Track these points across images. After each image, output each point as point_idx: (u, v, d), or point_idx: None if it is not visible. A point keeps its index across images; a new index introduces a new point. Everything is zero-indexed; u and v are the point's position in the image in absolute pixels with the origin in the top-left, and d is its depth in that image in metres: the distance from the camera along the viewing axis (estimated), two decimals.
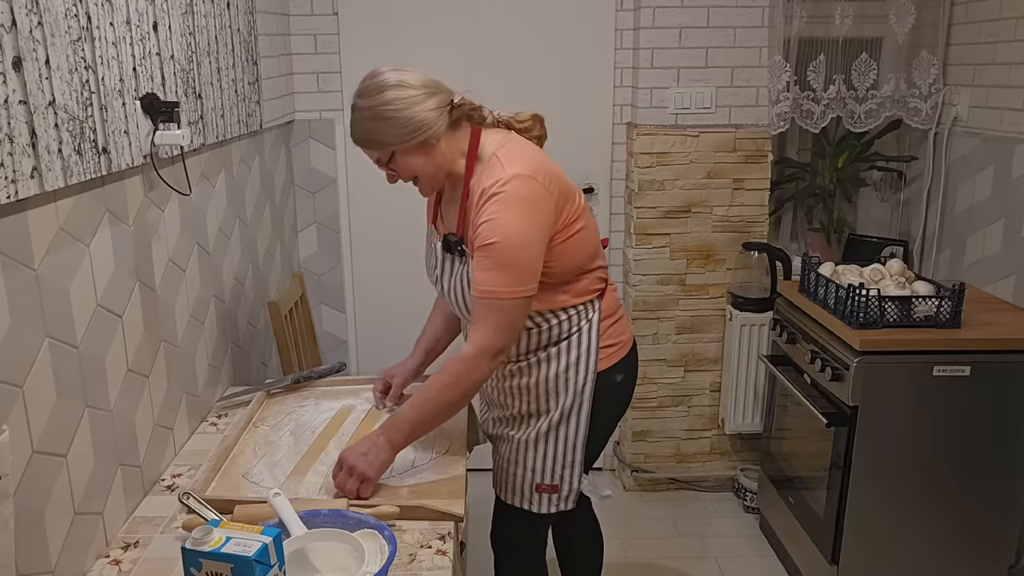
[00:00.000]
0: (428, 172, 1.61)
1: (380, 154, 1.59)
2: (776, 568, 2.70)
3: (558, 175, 1.61)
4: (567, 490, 1.76)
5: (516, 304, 1.53)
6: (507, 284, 1.51)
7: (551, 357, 1.70)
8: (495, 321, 1.53)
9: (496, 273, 1.51)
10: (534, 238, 1.53)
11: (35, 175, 1.15)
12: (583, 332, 1.71)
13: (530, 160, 1.58)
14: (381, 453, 1.52)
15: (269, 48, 2.57)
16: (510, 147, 1.60)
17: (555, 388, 1.71)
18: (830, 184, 3.04)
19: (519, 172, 1.53)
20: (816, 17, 2.81)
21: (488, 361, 1.55)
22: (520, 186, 1.52)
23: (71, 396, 1.28)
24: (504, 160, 1.56)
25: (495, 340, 1.54)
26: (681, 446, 3.14)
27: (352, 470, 1.49)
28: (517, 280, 1.52)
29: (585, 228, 1.66)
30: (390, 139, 1.55)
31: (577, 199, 1.66)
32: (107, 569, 1.33)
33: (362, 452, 1.51)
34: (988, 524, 2.27)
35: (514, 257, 1.51)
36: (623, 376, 1.79)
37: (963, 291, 2.19)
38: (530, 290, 1.55)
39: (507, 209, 1.51)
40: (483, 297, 1.53)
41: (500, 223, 1.50)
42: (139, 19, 1.53)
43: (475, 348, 1.54)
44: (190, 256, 1.84)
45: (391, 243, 3.06)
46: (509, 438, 1.79)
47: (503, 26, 2.91)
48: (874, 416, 2.18)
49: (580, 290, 1.69)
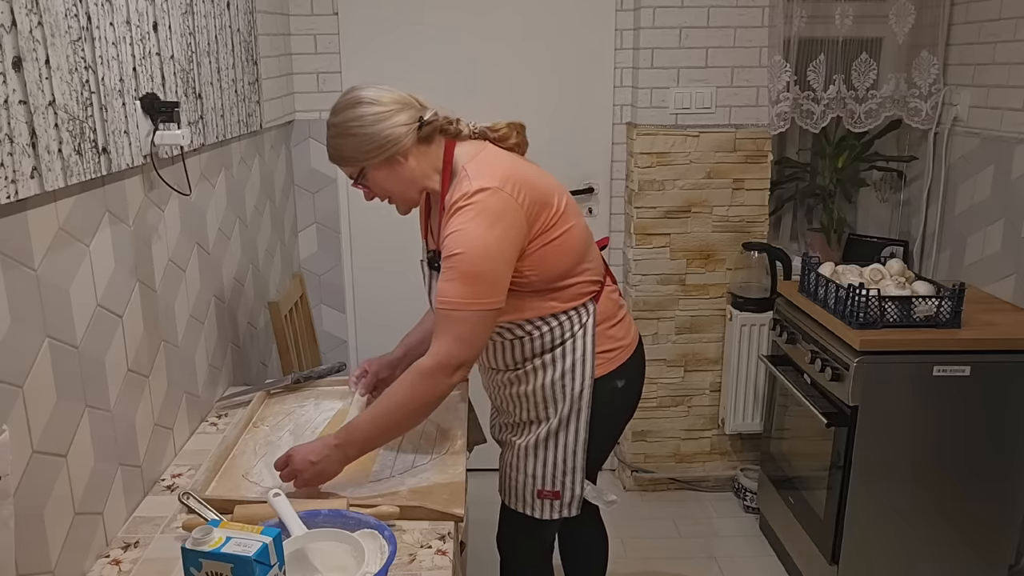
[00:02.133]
0: (398, 189, 1.61)
1: (350, 170, 1.61)
2: (776, 568, 2.70)
3: (530, 183, 1.57)
4: (569, 496, 1.75)
5: (478, 316, 1.51)
6: (468, 296, 1.50)
7: (546, 365, 1.69)
8: (454, 333, 1.51)
9: (458, 284, 1.50)
10: (499, 250, 1.51)
11: (35, 175, 1.15)
12: (577, 338, 1.69)
13: (500, 171, 1.56)
14: (332, 464, 1.50)
15: (269, 48, 2.57)
16: (480, 159, 1.59)
17: (552, 395, 1.70)
18: (830, 184, 3.04)
19: (486, 184, 1.52)
20: (816, 17, 2.81)
21: (446, 375, 1.52)
22: (486, 199, 1.51)
23: (71, 396, 1.28)
24: (472, 173, 1.55)
25: (455, 353, 1.51)
26: (681, 446, 3.14)
27: (297, 474, 1.49)
28: (479, 292, 1.51)
29: (568, 233, 1.63)
30: (357, 155, 1.57)
31: (556, 204, 1.61)
32: (107, 569, 1.33)
33: (312, 460, 1.49)
34: (988, 524, 2.26)
35: (477, 269, 1.50)
36: (625, 382, 1.76)
37: (963, 291, 2.19)
38: (493, 303, 1.53)
39: (472, 221, 1.50)
40: (444, 308, 1.52)
41: (464, 235, 1.50)
42: (139, 19, 1.53)
43: (432, 360, 1.52)
44: (190, 256, 1.84)
45: (391, 243, 3.06)
46: (512, 444, 1.79)
47: (503, 26, 2.91)
48: (874, 416, 2.18)
49: (570, 295, 1.67)
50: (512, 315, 1.64)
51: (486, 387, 1.87)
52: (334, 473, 1.52)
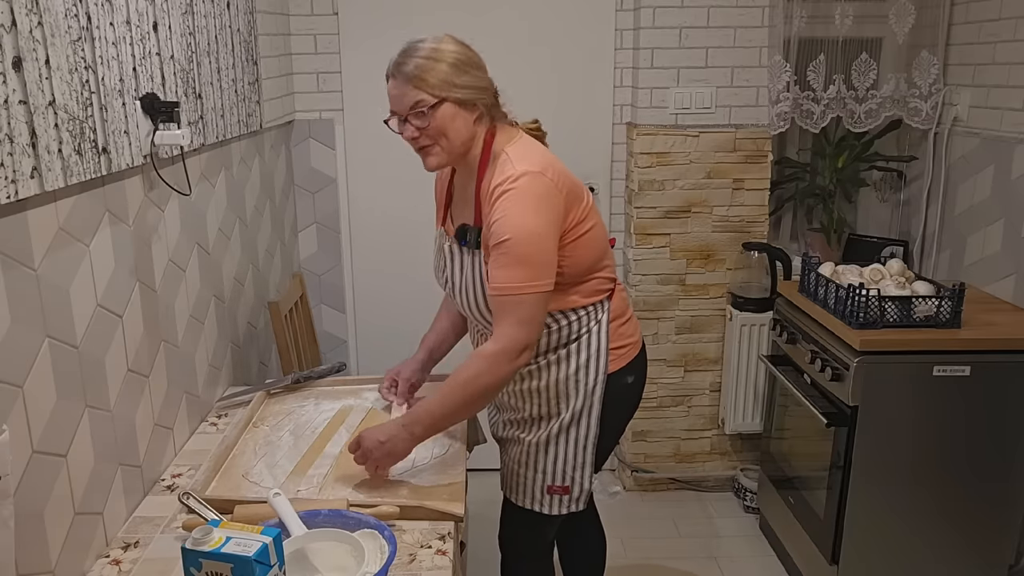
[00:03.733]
0: (458, 137, 1.58)
1: (427, 97, 1.53)
2: (776, 568, 2.70)
3: (567, 174, 1.62)
4: (578, 491, 1.76)
5: (534, 299, 1.53)
6: (523, 279, 1.52)
7: (561, 359, 1.70)
8: (515, 317, 1.53)
9: (512, 270, 1.52)
10: (546, 233, 1.54)
11: (35, 175, 1.15)
12: (592, 333, 1.71)
13: (540, 157, 1.60)
14: (400, 443, 1.54)
15: (269, 48, 2.57)
16: (520, 144, 1.62)
17: (566, 390, 1.71)
18: (830, 184, 3.04)
19: (529, 168, 1.54)
20: (816, 17, 2.81)
21: (510, 359, 1.54)
22: (530, 182, 1.53)
23: (71, 396, 1.28)
24: (514, 157, 1.57)
25: (517, 336, 1.53)
26: (681, 446, 3.14)
27: (368, 455, 1.52)
28: (533, 275, 1.52)
29: (594, 228, 1.67)
30: (447, 83, 1.53)
31: (585, 198, 1.66)
32: (107, 569, 1.33)
33: (381, 440, 1.53)
34: (988, 524, 2.26)
35: (528, 252, 1.52)
36: (634, 378, 1.79)
37: (963, 291, 2.19)
38: (547, 285, 1.55)
39: (518, 205, 1.52)
40: (500, 294, 1.53)
41: (512, 219, 1.51)
42: (139, 19, 1.53)
43: (497, 345, 1.53)
44: (190, 256, 1.84)
45: (391, 243, 3.06)
46: (520, 440, 1.79)
47: (503, 26, 2.91)
48: (874, 416, 2.18)
49: (590, 290, 1.69)
50: None
51: None
52: (404, 452, 1.55)
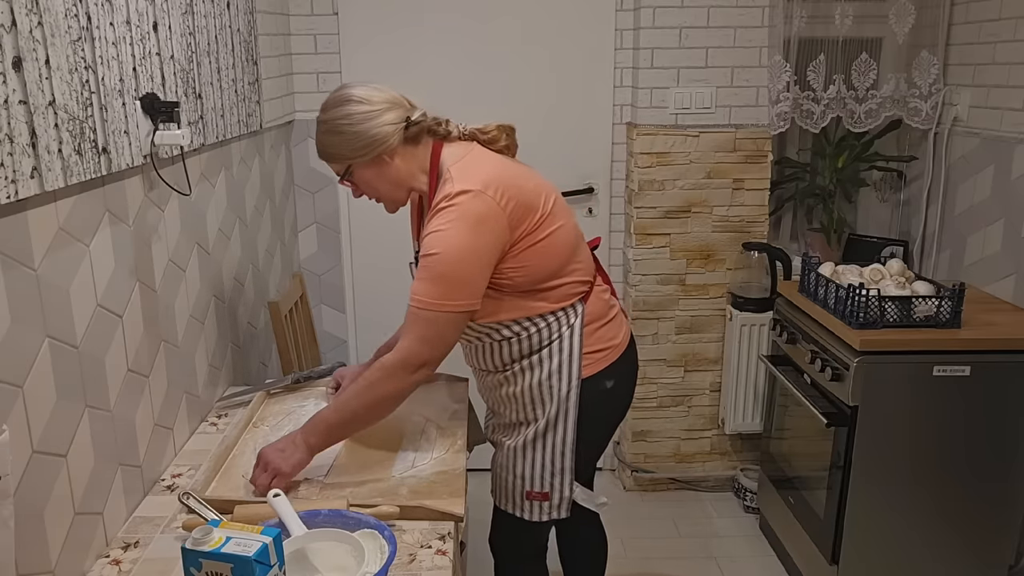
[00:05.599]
0: (384, 188, 1.63)
1: (338, 167, 1.62)
2: (776, 568, 2.70)
3: (516, 186, 1.57)
4: (558, 498, 1.75)
5: (445, 318, 1.52)
6: (439, 296, 1.51)
7: (533, 365, 1.69)
8: (420, 332, 1.53)
9: (430, 284, 1.51)
10: (476, 254, 1.52)
11: (35, 175, 1.15)
12: (564, 338, 1.68)
13: (484, 174, 1.56)
14: (297, 452, 1.53)
15: (269, 48, 2.57)
16: (465, 161, 1.59)
17: (539, 396, 1.70)
18: (830, 184, 3.04)
19: (468, 187, 1.52)
20: (816, 17, 2.81)
21: (408, 373, 1.53)
22: (468, 201, 1.51)
23: (71, 396, 1.28)
24: (456, 175, 1.55)
25: (418, 352, 1.53)
26: (681, 446, 3.14)
27: (267, 465, 1.51)
28: (450, 294, 1.51)
29: (554, 234, 1.62)
30: (344, 153, 1.58)
31: (542, 207, 1.61)
32: (107, 569, 1.33)
33: (279, 448, 1.54)
34: (988, 524, 2.27)
35: (451, 271, 1.51)
36: (614, 382, 1.75)
37: (963, 291, 2.19)
38: (463, 306, 1.53)
39: (451, 223, 1.50)
40: (414, 307, 1.53)
41: (442, 236, 1.50)
42: (139, 19, 1.53)
43: (395, 357, 1.54)
44: (190, 256, 1.84)
45: (391, 243, 3.06)
46: (503, 444, 1.79)
47: (503, 26, 2.91)
48: (874, 416, 2.18)
49: (558, 296, 1.66)
50: (500, 315, 1.64)
51: (480, 389, 1.87)
52: (300, 460, 1.54)
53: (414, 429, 1.80)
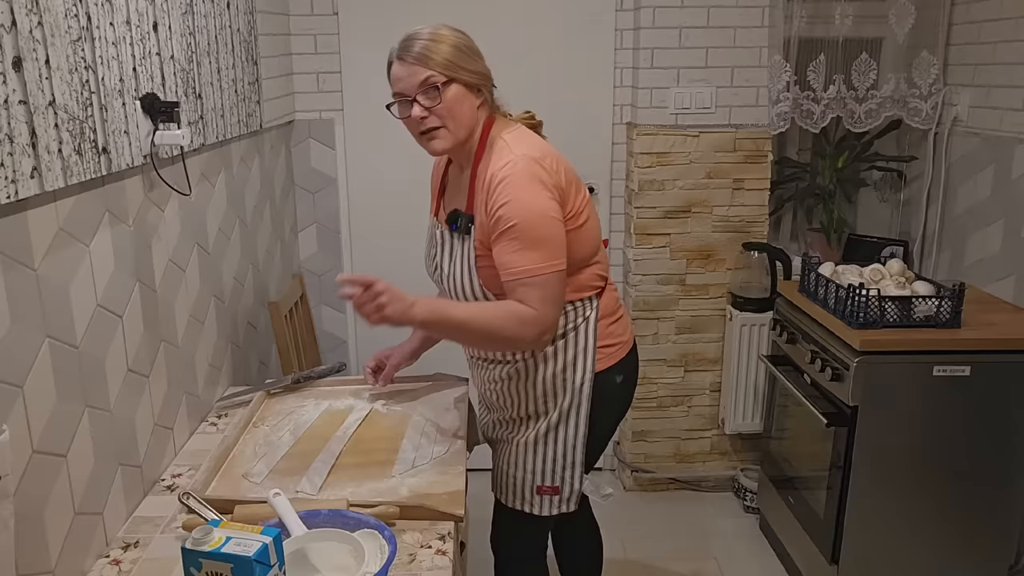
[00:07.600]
0: (464, 120, 1.60)
1: (439, 78, 1.56)
2: (776, 568, 2.70)
3: (565, 163, 1.63)
4: (568, 491, 1.76)
5: (552, 278, 1.54)
6: (538, 261, 1.52)
7: (548, 356, 1.70)
8: (539, 296, 1.53)
9: (525, 253, 1.52)
10: (552, 213, 1.54)
11: (35, 175, 1.15)
12: (580, 330, 1.70)
13: (538, 145, 1.61)
14: (408, 311, 1.50)
15: (269, 48, 2.57)
16: (517, 132, 1.64)
17: (553, 388, 1.71)
18: (830, 184, 3.04)
19: (527, 153, 1.56)
20: (816, 17, 2.81)
21: (534, 330, 1.54)
22: (529, 166, 1.54)
23: (71, 396, 1.28)
24: (512, 143, 1.59)
25: (547, 314, 1.54)
26: (681, 446, 3.14)
27: (378, 295, 1.47)
28: (547, 255, 1.53)
29: (589, 221, 1.67)
30: (461, 64, 1.59)
31: (583, 191, 1.67)
32: (107, 569, 1.33)
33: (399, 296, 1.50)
34: (988, 524, 2.26)
35: (538, 234, 1.52)
36: (623, 377, 1.78)
37: (963, 291, 2.19)
38: (562, 263, 1.56)
39: (521, 188, 1.52)
40: (518, 278, 1.53)
41: (516, 204, 1.52)
42: (139, 19, 1.53)
43: (534, 314, 1.53)
44: (190, 256, 1.84)
45: (391, 243, 3.06)
46: (509, 440, 1.79)
47: (503, 25, 2.91)
48: (874, 416, 2.18)
49: (579, 285, 1.68)
50: None
51: (479, 384, 1.86)
52: (403, 313, 1.50)
53: (414, 429, 1.80)
